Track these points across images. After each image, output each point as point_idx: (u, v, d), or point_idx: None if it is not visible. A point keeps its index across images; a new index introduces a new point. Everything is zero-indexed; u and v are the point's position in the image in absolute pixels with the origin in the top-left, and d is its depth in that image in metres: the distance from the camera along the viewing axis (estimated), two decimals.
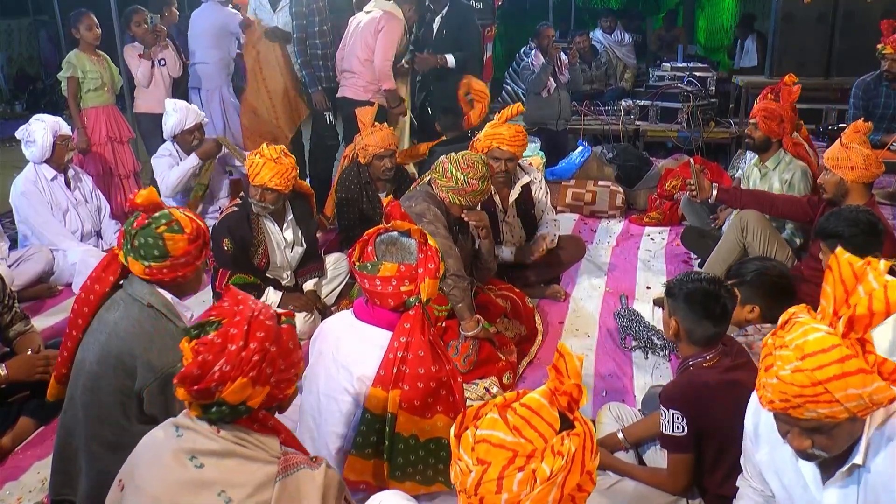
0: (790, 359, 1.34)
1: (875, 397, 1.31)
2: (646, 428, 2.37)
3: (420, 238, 1.99)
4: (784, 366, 1.35)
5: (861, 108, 5.23)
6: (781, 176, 3.74)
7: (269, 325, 1.48)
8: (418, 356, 1.91)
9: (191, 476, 1.41)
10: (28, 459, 2.63)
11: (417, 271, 1.95)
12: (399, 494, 1.69)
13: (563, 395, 1.20)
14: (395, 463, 1.95)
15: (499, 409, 1.22)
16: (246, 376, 1.41)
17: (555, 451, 1.17)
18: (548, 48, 6.15)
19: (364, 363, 1.99)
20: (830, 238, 2.68)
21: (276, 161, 3.31)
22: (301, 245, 3.68)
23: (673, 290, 2.15)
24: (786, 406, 1.37)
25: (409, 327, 1.94)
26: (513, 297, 3.46)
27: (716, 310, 2.07)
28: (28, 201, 4.12)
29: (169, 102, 4.44)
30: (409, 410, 1.92)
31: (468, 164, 3.07)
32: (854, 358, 1.30)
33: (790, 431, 1.44)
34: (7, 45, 10.64)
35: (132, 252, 2.04)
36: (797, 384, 1.33)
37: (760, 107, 3.79)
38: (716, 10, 11.72)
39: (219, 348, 1.42)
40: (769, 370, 1.38)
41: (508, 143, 3.60)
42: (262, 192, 3.37)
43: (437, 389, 1.94)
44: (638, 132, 6.93)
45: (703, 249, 4.06)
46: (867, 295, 1.29)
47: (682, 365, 2.17)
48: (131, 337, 2.01)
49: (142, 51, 5.16)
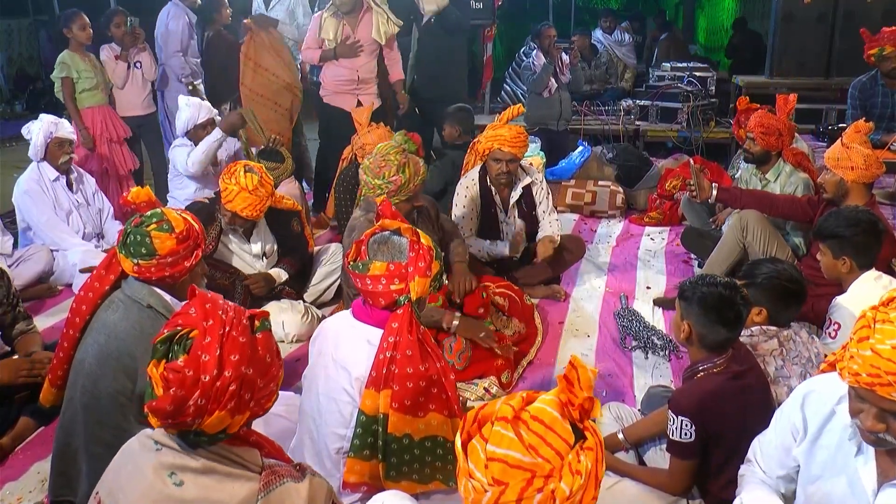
0: (892, 334, 1.32)
1: None
2: (646, 428, 2.37)
3: (412, 236, 1.99)
4: (884, 339, 1.33)
5: (859, 108, 5.23)
6: (784, 189, 3.72)
7: (243, 343, 1.38)
8: (406, 355, 1.89)
9: (170, 494, 1.36)
10: (28, 459, 2.63)
11: (407, 270, 1.93)
12: (399, 495, 1.69)
13: (576, 408, 1.20)
14: (390, 463, 1.94)
15: (511, 424, 1.19)
16: (224, 409, 1.33)
17: (573, 470, 1.17)
18: (549, 48, 6.15)
19: (361, 363, 1.98)
20: (830, 238, 2.68)
21: (251, 192, 3.23)
22: (270, 256, 3.62)
23: (686, 293, 2.12)
24: (873, 382, 1.34)
25: (397, 326, 1.92)
26: (511, 295, 3.45)
27: (730, 316, 2.05)
28: (31, 200, 4.12)
29: (182, 98, 4.52)
30: (401, 410, 1.91)
31: (379, 166, 3.01)
32: None
33: (865, 411, 1.41)
34: (7, 45, 10.63)
35: (123, 249, 2.07)
36: (894, 360, 1.31)
37: (758, 122, 3.73)
38: (716, 10, 11.72)
39: (191, 381, 1.32)
40: (863, 342, 1.36)
41: (510, 145, 3.60)
42: (232, 217, 3.33)
43: (427, 388, 1.92)
44: (638, 132, 6.92)
45: (703, 249, 4.06)
46: None
47: (690, 370, 2.16)
48: (131, 338, 2.01)
49: (118, 52, 5.15)
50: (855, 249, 2.61)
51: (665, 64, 7.54)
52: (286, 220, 3.68)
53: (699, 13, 12.69)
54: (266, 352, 1.42)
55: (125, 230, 2.08)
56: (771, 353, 2.32)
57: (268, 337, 1.45)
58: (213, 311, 1.40)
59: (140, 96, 5.33)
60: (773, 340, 2.34)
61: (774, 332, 2.36)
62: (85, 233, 4.30)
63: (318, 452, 2.09)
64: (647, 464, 2.34)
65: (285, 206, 3.65)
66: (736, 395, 2.00)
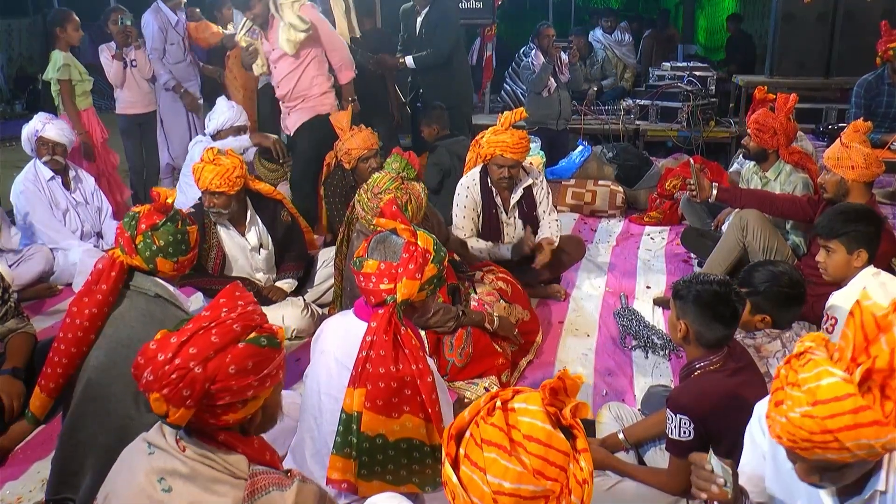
0: (801, 402, 1.26)
1: (889, 446, 1.24)
2: (646, 428, 2.37)
3: (409, 237, 1.99)
4: (794, 407, 1.27)
5: (863, 107, 5.22)
6: (783, 188, 3.73)
7: (212, 343, 1.37)
8: (380, 355, 1.89)
9: (159, 500, 1.37)
10: (28, 459, 2.63)
11: (397, 271, 1.94)
12: (394, 496, 1.69)
13: (564, 417, 1.20)
14: (362, 462, 1.94)
15: (509, 454, 1.16)
16: (159, 392, 1.34)
17: (578, 481, 1.17)
18: (548, 48, 6.15)
19: None
20: (843, 235, 2.65)
21: (213, 163, 3.23)
22: (266, 248, 3.59)
23: (681, 293, 2.12)
24: (793, 446, 1.31)
25: (376, 326, 1.91)
26: (512, 282, 3.47)
27: (726, 312, 2.05)
28: (27, 200, 4.13)
29: (223, 100, 4.57)
30: (373, 410, 1.90)
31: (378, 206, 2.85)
32: (868, 410, 1.22)
33: (798, 463, 1.37)
34: (7, 46, 10.63)
35: (160, 252, 2.12)
36: (806, 429, 1.26)
37: (753, 118, 3.77)
38: (715, 10, 11.72)
39: (150, 355, 1.37)
40: (779, 406, 1.31)
41: (512, 151, 3.59)
42: (209, 197, 3.30)
43: (400, 389, 1.91)
44: (638, 132, 6.93)
45: (703, 249, 4.06)
46: (890, 349, 1.21)
47: (687, 369, 2.16)
48: (141, 325, 2.03)
49: (115, 51, 5.13)
50: (868, 241, 2.60)
51: (665, 64, 7.55)
52: (269, 206, 3.60)
53: (699, 13, 12.69)
54: (234, 363, 1.37)
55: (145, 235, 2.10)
56: (774, 355, 2.33)
57: (248, 350, 1.39)
58: (217, 305, 1.43)
59: (140, 94, 5.32)
60: (776, 342, 2.35)
61: (777, 333, 2.37)
62: (83, 231, 4.30)
63: (318, 451, 2.09)
64: (647, 464, 2.34)
65: (263, 190, 3.59)
66: (734, 393, 2.00)
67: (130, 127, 5.36)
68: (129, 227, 2.14)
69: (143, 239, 2.11)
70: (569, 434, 1.21)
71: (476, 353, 3.02)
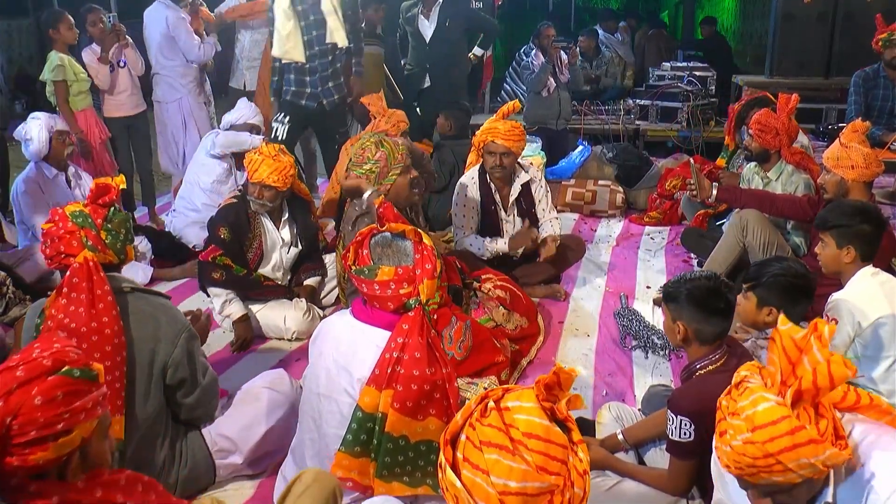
0: (741, 429, 1.34)
1: (829, 462, 1.31)
2: (646, 429, 2.36)
3: (415, 238, 1.99)
4: (736, 435, 1.34)
5: (861, 94, 5.21)
6: (785, 188, 3.73)
7: (15, 378, 1.23)
8: (414, 357, 1.90)
9: None
10: None
11: (415, 273, 1.94)
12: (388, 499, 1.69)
13: (560, 412, 1.21)
14: (383, 462, 1.94)
15: (511, 454, 1.16)
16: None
17: (579, 472, 1.18)
18: (548, 48, 6.15)
19: (364, 364, 1.98)
20: (835, 228, 2.64)
21: (273, 158, 3.31)
22: (297, 246, 3.66)
23: (673, 294, 2.13)
24: (741, 473, 1.37)
25: (408, 328, 1.93)
26: (512, 289, 3.45)
27: (721, 304, 2.06)
28: (29, 200, 4.11)
29: (244, 101, 4.72)
30: (401, 411, 1.91)
31: (359, 154, 3.10)
32: (803, 429, 1.29)
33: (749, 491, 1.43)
34: (7, 45, 10.62)
35: (126, 240, 2.11)
36: (749, 455, 1.33)
37: (755, 119, 3.76)
38: (716, 10, 11.72)
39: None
40: (723, 436, 1.38)
41: (503, 138, 3.61)
42: (260, 189, 3.35)
43: (430, 392, 1.93)
44: (638, 132, 6.93)
45: (703, 249, 4.06)
46: (812, 369, 1.29)
47: (687, 370, 2.16)
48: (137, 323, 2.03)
49: (100, 54, 4.89)
50: (859, 239, 2.59)
51: (665, 64, 7.55)
52: (304, 207, 3.70)
53: (699, 13, 12.68)
54: (41, 394, 1.23)
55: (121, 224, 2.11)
56: None
57: (58, 381, 1.25)
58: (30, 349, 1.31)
59: (127, 95, 5.05)
60: None
61: None
62: None
63: (318, 453, 2.09)
64: (647, 464, 2.33)
65: (302, 192, 3.72)
66: None
67: (118, 131, 5.09)
68: (88, 225, 2.03)
69: (107, 233, 2.05)
70: (563, 427, 1.22)
71: (475, 346, 3.02)
